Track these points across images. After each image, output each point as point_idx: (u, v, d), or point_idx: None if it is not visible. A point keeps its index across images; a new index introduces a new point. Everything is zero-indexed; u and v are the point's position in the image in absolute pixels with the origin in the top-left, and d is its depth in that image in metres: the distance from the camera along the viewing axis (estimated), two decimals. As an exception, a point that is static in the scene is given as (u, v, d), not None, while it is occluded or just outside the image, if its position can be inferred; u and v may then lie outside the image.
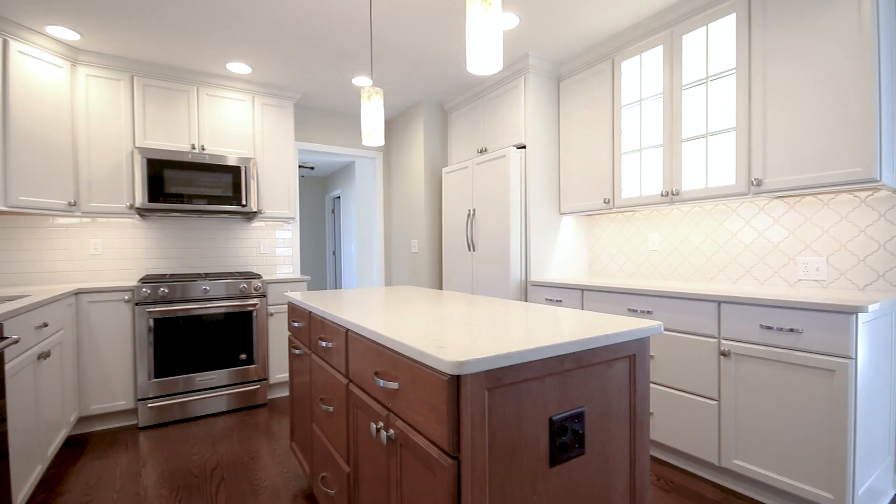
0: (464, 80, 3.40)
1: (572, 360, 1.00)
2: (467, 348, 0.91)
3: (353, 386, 1.34)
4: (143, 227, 3.25)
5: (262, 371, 3.11)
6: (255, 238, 3.69)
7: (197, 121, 3.17)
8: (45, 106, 2.62)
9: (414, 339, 1.01)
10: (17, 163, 2.46)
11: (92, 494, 1.99)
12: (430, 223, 3.91)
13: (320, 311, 1.59)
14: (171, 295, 2.80)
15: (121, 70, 2.94)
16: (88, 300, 2.62)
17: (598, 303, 2.47)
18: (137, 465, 2.27)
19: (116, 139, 2.93)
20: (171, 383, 2.81)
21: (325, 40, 2.73)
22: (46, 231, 2.94)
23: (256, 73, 3.23)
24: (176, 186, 2.98)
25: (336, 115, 4.18)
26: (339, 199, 7.08)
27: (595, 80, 2.86)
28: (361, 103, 1.90)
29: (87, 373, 2.63)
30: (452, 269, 3.60)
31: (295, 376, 2.06)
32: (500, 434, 0.89)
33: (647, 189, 2.59)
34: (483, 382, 0.86)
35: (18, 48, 2.48)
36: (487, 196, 3.18)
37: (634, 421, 1.14)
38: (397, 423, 1.06)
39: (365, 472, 1.28)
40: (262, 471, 2.20)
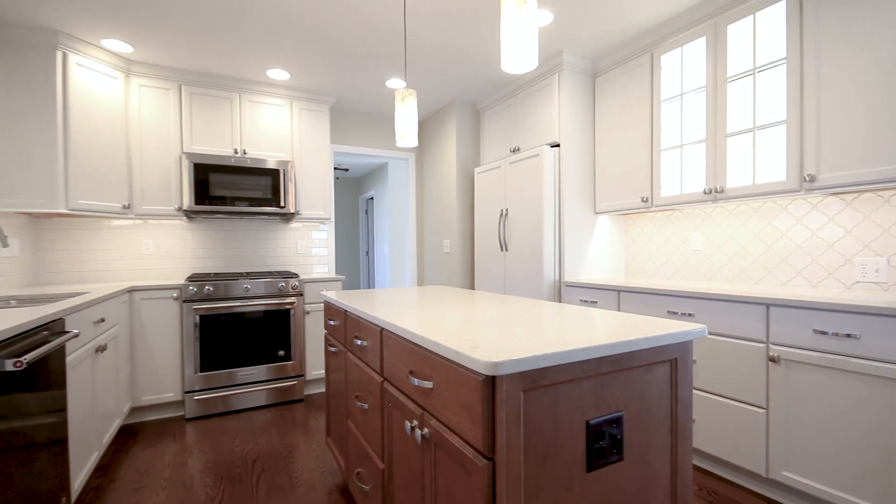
0: (497, 79, 3.39)
1: (610, 362, 0.98)
2: (502, 349, 0.90)
3: (388, 384, 1.36)
4: (189, 229, 3.41)
5: (299, 367, 3.20)
6: (293, 238, 3.80)
7: (239, 126, 3.30)
8: (101, 115, 2.80)
9: (448, 338, 1.01)
10: (77, 169, 2.64)
11: (143, 481, 2.11)
12: (462, 223, 3.91)
13: (356, 310, 1.62)
14: (215, 293, 2.93)
15: (170, 80, 3.11)
16: (141, 297, 2.78)
17: (636, 304, 2.40)
18: (184, 454, 2.39)
19: (166, 145, 3.10)
20: (215, 377, 2.94)
21: (360, 45, 2.78)
22: (103, 232, 3.14)
23: (294, 79, 3.33)
24: (220, 189, 3.12)
25: (370, 118, 4.25)
26: (373, 200, 7.20)
27: (633, 75, 2.78)
28: (395, 105, 1.93)
29: (139, 366, 2.79)
30: (484, 269, 3.59)
31: (331, 373, 2.11)
32: (535, 436, 0.88)
33: (689, 187, 2.49)
34: (518, 383, 0.85)
35: (77, 61, 2.66)
36: (520, 195, 3.15)
37: (676, 427, 1.10)
38: (431, 422, 1.06)
39: (399, 469, 1.29)
40: (299, 464, 2.26)
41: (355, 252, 7.89)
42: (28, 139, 2.50)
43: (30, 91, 2.50)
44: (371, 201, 7.36)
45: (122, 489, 2.04)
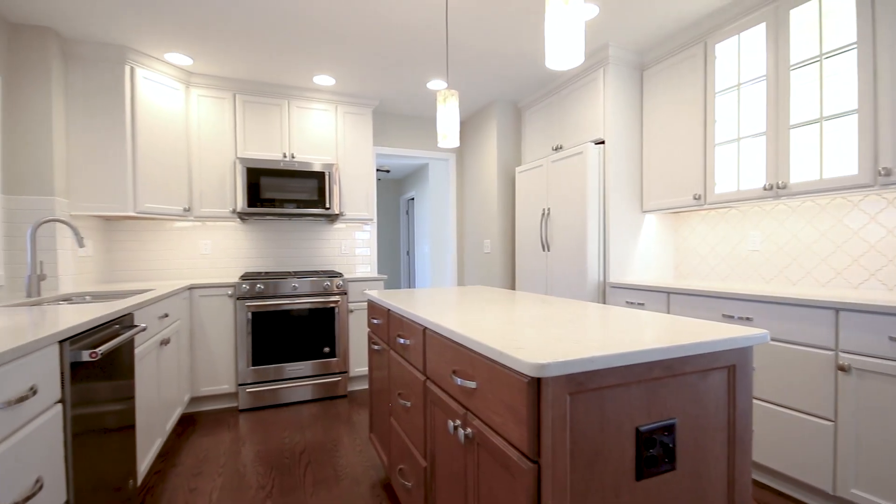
0: (539, 77, 3.34)
1: (662, 367, 0.94)
2: (547, 350, 0.89)
3: (431, 383, 1.37)
4: (242, 230, 3.60)
5: (343, 364, 3.30)
6: (337, 239, 3.92)
7: (288, 131, 3.45)
8: (164, 124, 3.01)
9: (492, 339, 1.01)
10: (143, 175, 2.85)
11: (201, 467, 2.25)
12: (502, 223, 3.88)
13: (398, 309, 1.65)
14: (265, 291, 3.07)
15: (225, 89, 3.29)
16: (199, 294, 2.96)
17: (687, 307, 2.28)
18: (237, 443, 2.52)
19: (221, 151, 3.28)
20: (265, 371, 3.08)
21: (402, 48, 2.83)
22: (166, 233, 3.37)
23: (339, 84, 3.43)
24: (270, 192, 3.27)
25: (411, 119, 4.30)
26: (413, 201, 7.29)
27: (684, 66, 2.66)
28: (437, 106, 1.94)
29: (198, 358, 2.97)
30: (526, 269, 3.54)
31: (374, 370, 2.15)
32: (582, 441, 0.86)
33: (747, 182, 2.35)
34: (564, 386, 0.83)
35: (143, 74, 2.87)
36: (563, 194, 3.09)
37: (734, 438, 1.04)
38: (474, 422, 1.06)
39: (442, 467, 1.30)
40: (343, 458, 2.33)
41: (396, 252, 8.02)
42: (101, 148, 2.72)
43: (102, 103, 2.72)
44: (412, 202, 7.46)
45: (182, 474, 2.18)
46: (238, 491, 2.01)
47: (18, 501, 0.99)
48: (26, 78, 2.44)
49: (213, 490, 2.02)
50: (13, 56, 2.42)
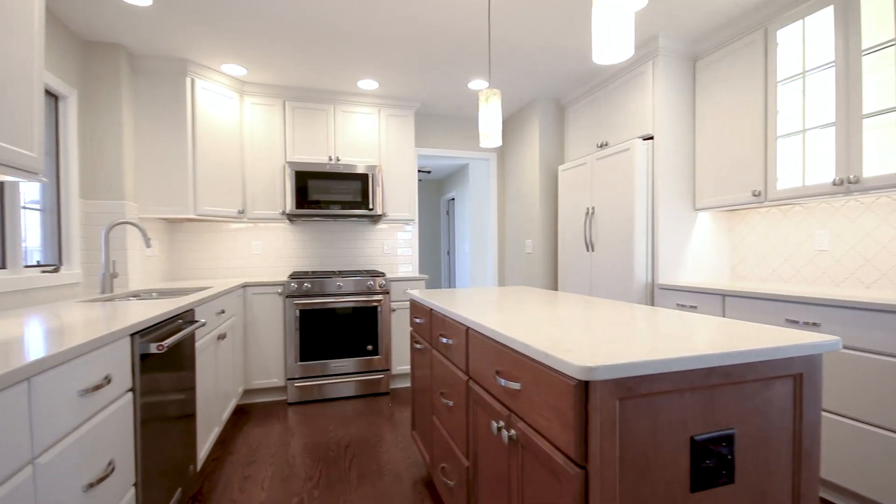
0: (582, 72, 3.25)
1: (720, 374, 0.89)
2: (595, 353, 0.86)
3: (473, 383, 1.37)
4: (291, 230, 3.75)
5: (386, 362, 3.36)
6: (380, 239, 4.00)
7: (333, 135, 3.56)
8: (221, 132, 3.19)
9: (537, 340, 0.99)
10: (202, 179, 3.04)
11: (254, 456, 2.36)
12: (544, 222, 3.81)
13: (441, 309, 1.66)
14: (312, 290, 3.18)
15: (276, 97, 3.44)
16: (252, 292, 3.12)
17: (746, 311, 2.15)
18: (287, 435, 2.63)
19: (272, 156, 3.44)
20: (312, 367, 3.20)
21: (444, 49, 2.84)
22: (221, 234, 3.57)
23: (382, 88, 3.50)
24: (316, 194, 3.39)
25: (452, 120, 4.32)
26: (454, 201, 7.31)
27: (742, 54, 2.50)
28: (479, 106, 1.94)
29: (250, 353, 3.12)
30: (568, 269, 3.46)
31: (416, 369, 2.18)
32: (632, 448, 0.83)
33: (813, 177, 2.18)
34: (614, 391, 0.81)
35: (202, 85, 3.05)
36: (608, 193, 2.99)
37: (800, 452, 0.97)
38: (519, 423, 1.05)
39: (484, 468, 1.29)
40: (386, 454, 2.37)
41: (437, 252, 8.08)
42: (165, 155, 2.92)
43: (166, 114, 2.92)
44: (452, 202, 7.48)
45: (237, 462, 2.30)
46: (287, 480, 2.10)
47: (93, 482, 1.08)
48: (99, 92, 2.66)
49: (264, 478, 2.12)
50: (87, 72, 2.65)
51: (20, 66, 1.34)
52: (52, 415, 0.94)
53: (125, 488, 1.27)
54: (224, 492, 2.01)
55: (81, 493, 1.04)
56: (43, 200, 2.35)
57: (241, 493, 2.00)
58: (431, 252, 8.04)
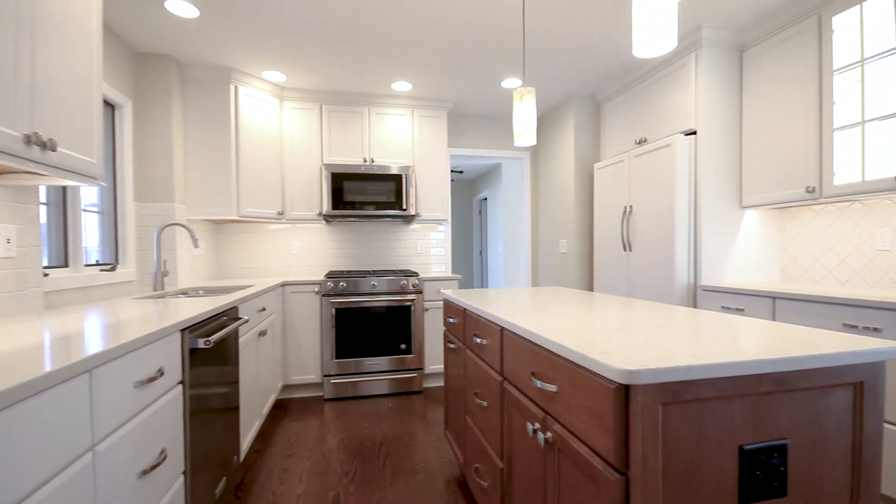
0: (620, 67, 3.16)
1: (771, 381, 0.84)
2: (637, 356, 0.84)
3: (508, 384, 1.36)
4: (327, 231, 3.85)
5: (419, 361, 3.39)
6: (413, 239, 4.03)
7: (368, 137, 3.62)
8: (261, 136, 3.31)
9: (574, 342, 0.97)
10: (244, 182, 3.16)
11: (293, 449, 2.44)
12: (580, 222, 3.74)
13: (475, 309, 1.65)
14: (347, 289, 3.25)
15: (313, 101, 3.54)
16: (290, 291, 3.22)
17: (798, 315, 2.03)
18: (323, 430, 2.70)
19: (309, 158, 3.54)
20: (347, 364, 3.26)
21: (477, 48, 2.84)
22: (262, 235, 3.70)
23: (416, 89, 3.53)
24: (351, 195, 3.46)
25: (484, 119, 4.30)
26: (486, 201, 7.29)
27: (794, 43, 2.36)
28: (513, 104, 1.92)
29: (289, 349, 3.23)
30: (605, 270, 3.38)
31: (449, 368, 2.18)
32: (675, 456, 0.80)
33: (873, 172, 2.03)
34: (657, 395, 0.78)
35: (245, 92, 3.18)
36: (647, 191, 2.90)
37: (859, 466, 0.90)
38: (555, 426, 1.03)
39: (519, 470, 1.28)
40: (419, 452, 2.39)
41: (469, 252, 8.07)
42: (211, 160, 3.07)
43: (212, 120, 3.06)
44: (484, 202, 7.45)
45: (277, 454, 2.38)
46: (324, 474, 2.15)
47: (147, 469, 1.14)
48: (152, 101, 2.82)
49: (302, 472, 2.18)
50: (141, 82, 2.81)
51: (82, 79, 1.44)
52: (111, 405, 1.00)
53: (175, 476, 1.34)
54: (265, 483, 2.08)
55: (136, 479, 1.10)
56: (101, 203, 2.52)
57: (280, 484, 2.07)
58: (464, 252, 8.05)
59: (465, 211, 8.09)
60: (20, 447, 0.72)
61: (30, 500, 0.74)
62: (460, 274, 7.95)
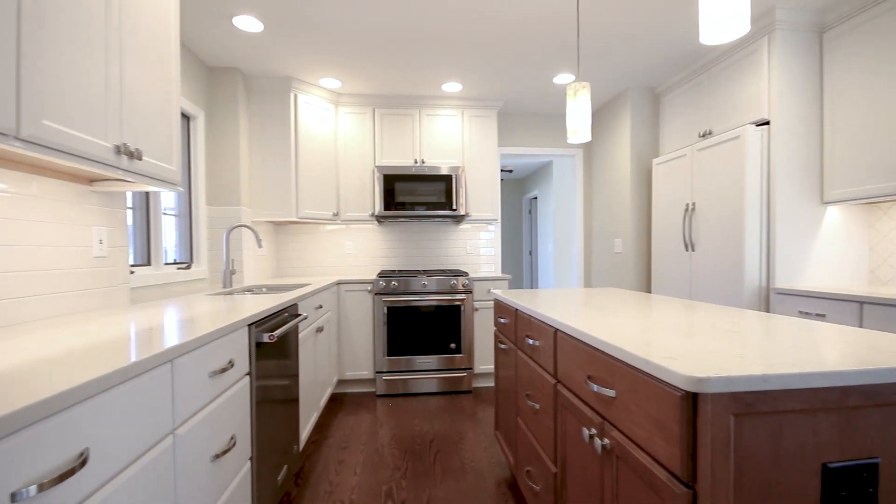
0: (682, 56, 2.99)
1: (861, 394, 0.76)
2: (705, 363, 0.79)
3: (562, 387, 1.33)
4: (379, 231, 3.95)
5: (468, 361, 3.39)
6: (462, 239, 4.05)
7: (419, 138, 3.68)
8: (318, 140, 3.46)
9: (634, 345, 0.93)
10: (303, 185, 3.32)
11: (348, 442, 2.53)
12: (636, 220, 3.58)
13: (527, 309, 1.63)
14: (398, 288, 3.32)
15: (366, 105, 3.65)
16: (345, 289, 3.34)
17: (890, 321, 1.82)
18: (375, 425, 2.77)
19: (362, 161, 3.65)
20: (398, 362, 3.33)
21: (528, 45, 2.79)
22: (318, 235, 3.87)
23: (466, 89, 3.54)
24: (402, 196, 3.53)
25: (535, 117, 4.23)
26: (536, 200, 7.16)
27: (886, 20, 2.12)
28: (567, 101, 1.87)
29: (343, 346, 3.35)
30: (664, 270, 3.21)
31: (500, 369, 2.17)
32: (749, 471, 0.74)
33: None
34: (728, 405, 0.73)
35: (303, 99, 3.33)
36: (712, 186, 2.72)
37: (975, 496, 0.79)
38: (613, 432, 1.00)
39: (573, 475, 1.25)
40: (469, 452, 2.40)
41: (518, 252, 7.97)
42: (273, 165, 3.25)
43: (274, 127, 3.25)
44: (534, 201, 7.33)
45: (333, 446, 2.48)
46: (377, 468, 2.21)
47: (218, 454, 1.23)
48: (221, 111, 3.03)
49: (356, 464, 2.26)
50: (211, 94, 3.02)
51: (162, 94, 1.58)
52: (188, 392, 1.09)
53: (243, 462, 1.43)
54: (322, 473, 2.17)
55: (209, 462, 1.19)
56: (177, 207, 2.74)
57: (336, 475, 2.15)
58: (513, 252, 7.96)
59: (514, 210, 8.00)
60: (120, 425, 0.80)
61: (125, 473, 0.83)
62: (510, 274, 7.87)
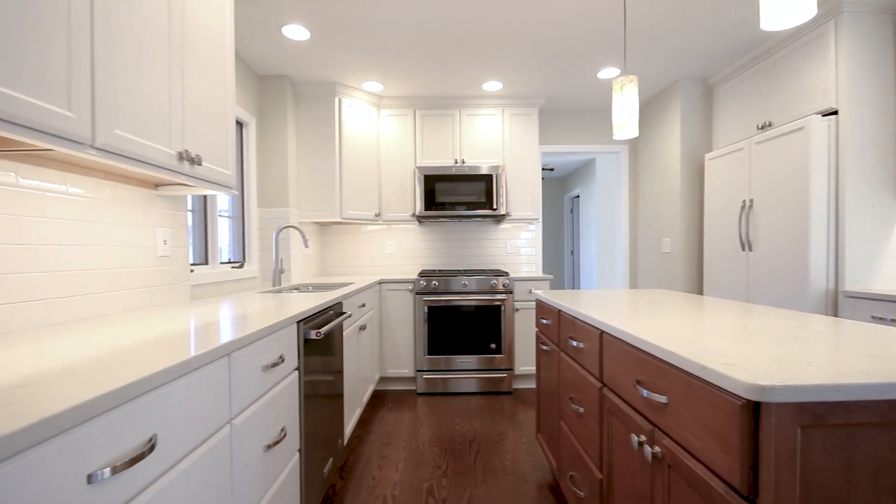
0: (738, 44, 2.82)
1: (954, 410, 0.69)
2: (768, 370, 0.74)
3: (608, 391, 1.29)
4: (419, 231, 3.99)
5: (508, 361, 3.36)
6: (503, 239, 4.01)
7: (459, 138, 3.69)
8: (361, 143, 3.54)
9: (688, 349, 0.89)
10: (346, 187, 3.41)
11: (389, 438, 2.57)
12: (687, 219, 3.41)
13: (570, 310, 1.60)
14: (438, 287, 3.34)
15: (407, 107, 3.70)
16: (386, 288, 3.40)
17: None
18: (416, 423, 2.80)
19: (403, 162, 3.70)
20: (438, 361, 3.36)
21: (571, 40, 2.73)
22: (360, 235, 3.96)
23: (506, 88, 3.51)
24: (442, 196, 3.55)
25: (577, 114, 4.13)
26: (578, 199, 6.99)
27: (977, -6, 1.91)
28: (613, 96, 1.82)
29: (385, 344, 3.41)
30: (718, 271, 3.04)
31: (542, 370, 2.13)
32: (817, 488, 0.69)
33: None
34: (794, 416, 0.68)
35: (347, 103, 3.42)
36: (772, 181, 2.55)
37: None
38: (664, 440, 0.96)
39: (621, 483, 1.21)
40: (510, 453, 2.37)
41: (560, 252, 7.81)
42: (318, 168, 3.36)
43: (319, 131, 3.36)
44: (576, 200, 7.16)
45: (375, 441, 2.53)
46: (418, 466, 2.24)
47: (270, 444, 1.28)
48: (270, 117, 3.17)
49: (398, 460, 2.29)
50: (262, 101, 3.17)
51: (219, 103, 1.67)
52: (244, 385, 1.15)
53: (292, 453, 1.49)
54: (366, 468, 2.23)
55: (262, 452, 1.25)
56: (231, 209, 2.89)
57: (379, 470, 2.19)
58: (554, 252, 7.81)
59: (555, 209, 7.85)
60: (184, 413, 0.86)
61: (188, 459, 0.88)
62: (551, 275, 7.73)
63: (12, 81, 0.83)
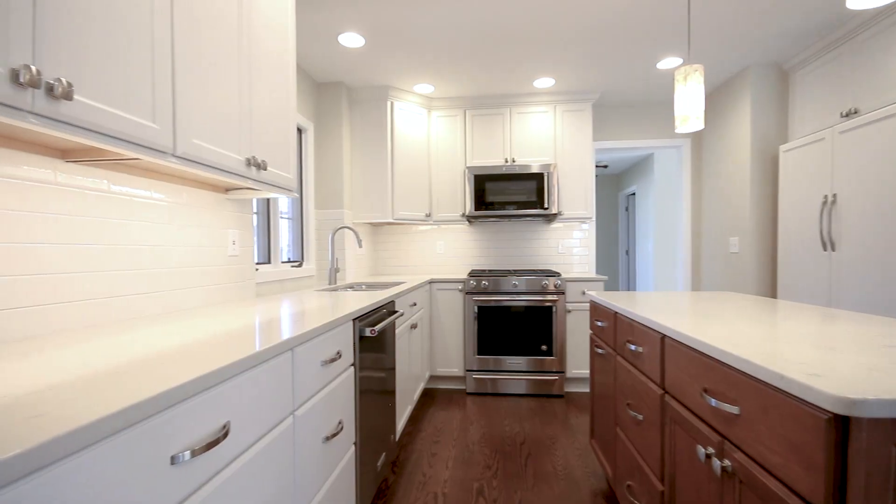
0: (817, 25, 2.58)
1: None
2: (857, 381, 0.67)
3: (670, 398, 1.22)
4: (469, 231, 4.00)
5: (560, 364, 3.28)
6: (554, 238, 3.93)
7: (509, 137, 3.65)
8: (412, 145, 3.60)
9: (763, 357, 0.83)
10: (398, 188, 3.48)
11: (439, 437, 2.59)
12: (757, 216, 3.17)
13: (628, 313, 1.53)
14: (489, 287, 3.33)
15: (457, 108, 3.71)
16: (437, 288, 3.43)
17: None
18: (466, 422, 2.81)
19: (454, 162, 3.72)
20: (487, 361, 3.34)
21: (627, 31, 2.62)
22: (411, 236, 4.03)
23: (558, 84, 3.43)
24: (492, 196, 3.53)
25: (634, 108, 3.95)
26: (634, 196, 6.69)
27: None
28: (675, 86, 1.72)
29: (435, 343, 3.45)
30: (793, 273, 2.80)
31: (596, 374, 2.07)
32: (922, 516, 0.62)
33: None
34: (890, 433, 0.62)
35: (398, 106, 3.50)
36: (859, 174, 2.31)
37: None
38: (735, 454, 0.89)
39: (685, 497, 1.14)
40: (561, 458, 2.32)
41: (614, 252, 7.52)
42: (371, 170, 3.46)
43: (372, 135, 3.45)
44: (632, 197, 6.86)
45: (426, 439, 2.57)
46: (468, 465, 2.24)
47: (329, 436, 1.34)
48: (327, 123, 3.30)
49: (448, 458, 2.31)
50: (319, 107, 3.31)
51: (281, 110, 1.76)
52: (305, 378, 1.20)
53: (348, 446, 1.54)
54: (416, 464, 2.26)
55: (321, 443, 1.30)
56: (291, 211, 3.05)
57: (429, 467, 2.22)
58: (608, 252, 7.53)
59: (609, 208, 7.56)
60: (253, 403, 0.92)
61: (256, 446, 0.94)
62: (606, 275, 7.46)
63: (111, 99, 0.93)
